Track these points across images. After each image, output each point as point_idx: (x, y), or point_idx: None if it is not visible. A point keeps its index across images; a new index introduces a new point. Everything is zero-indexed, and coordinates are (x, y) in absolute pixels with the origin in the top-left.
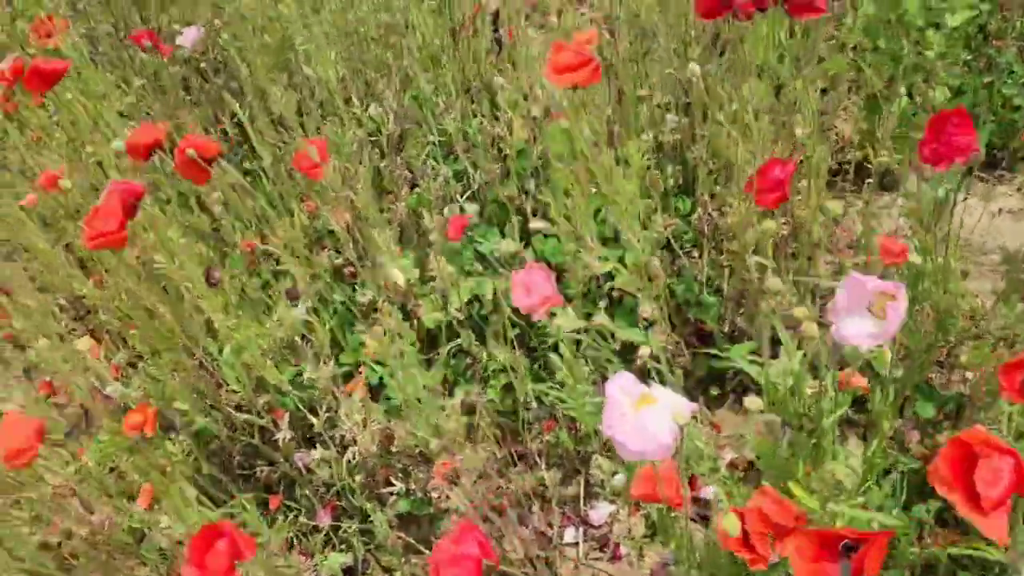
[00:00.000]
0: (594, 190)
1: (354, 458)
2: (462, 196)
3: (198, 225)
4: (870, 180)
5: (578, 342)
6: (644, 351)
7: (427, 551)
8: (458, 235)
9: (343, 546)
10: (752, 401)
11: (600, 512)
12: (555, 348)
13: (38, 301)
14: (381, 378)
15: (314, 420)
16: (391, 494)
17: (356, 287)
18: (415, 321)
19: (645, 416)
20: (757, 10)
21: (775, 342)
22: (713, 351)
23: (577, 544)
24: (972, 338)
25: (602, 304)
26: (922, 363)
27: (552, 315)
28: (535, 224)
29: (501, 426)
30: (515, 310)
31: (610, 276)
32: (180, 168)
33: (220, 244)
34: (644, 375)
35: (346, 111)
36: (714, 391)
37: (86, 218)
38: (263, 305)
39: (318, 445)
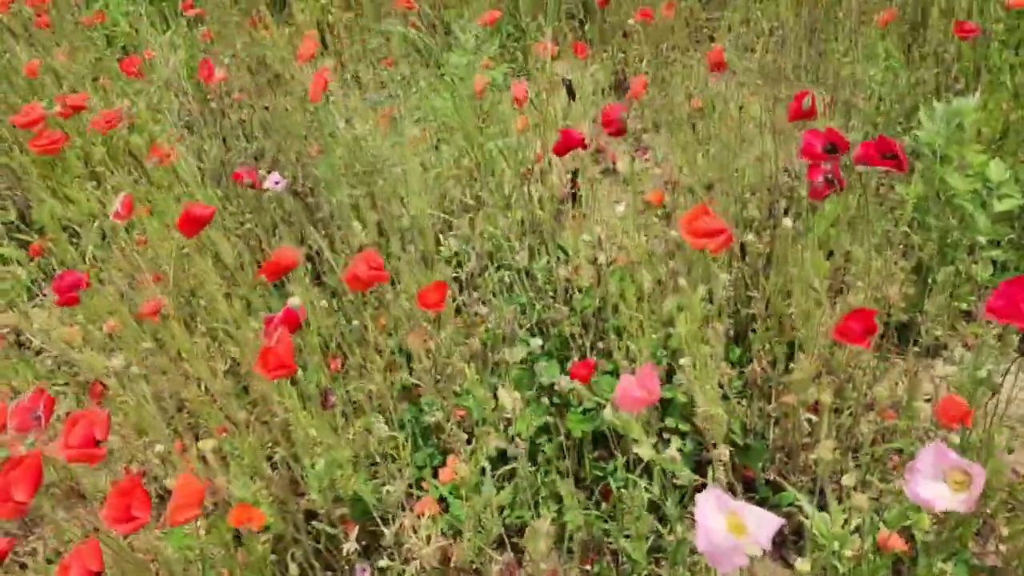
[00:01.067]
0: (654, 335)
1: (416, 572)
2: (526, 329)
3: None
4: (916, 348)
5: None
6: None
7: None
8: (587, 378)
9: None
10: (802, 564)
11: None
12: (607, 479)
13: (135, 395)
14: (442, 495)
15: (385, 530)
16: None
17: (424, 407)
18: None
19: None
20: (834, 191)
21: (813, 493)
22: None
23: None
24: (1009, 510)
25: (652, 440)
26: (960, 532)
27: (634, 441)
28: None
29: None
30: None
31: (661, 416)
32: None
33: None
34: None
35: (422, 241)
36: None
37: (261, 353)
38: (340, 417)
39: (384, 556)
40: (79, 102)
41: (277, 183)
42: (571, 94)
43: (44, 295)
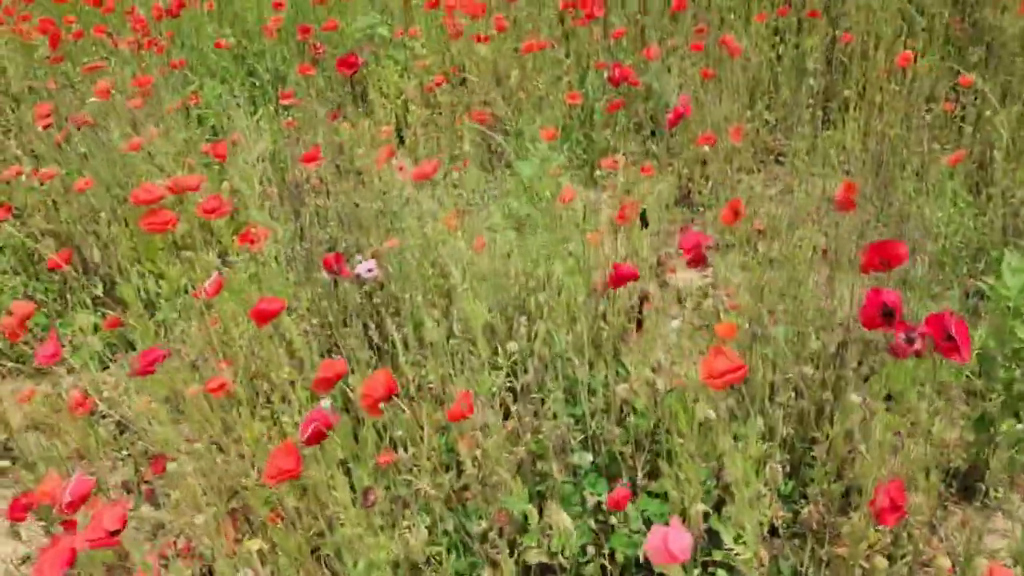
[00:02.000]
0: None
1: None
2: (578, 442)
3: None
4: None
5: None
6: None
7: None
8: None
9: None
10: None
11: None
12: None
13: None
14: None
15: None
16: None
17: (469, 514)
18: (518, 554)
19: None
20: (912, 354)
21: None
22: None
23: None
24: None
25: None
26: None
27: None
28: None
29: None
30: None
31: (708, 550)
32: (364, 404)
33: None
34: None
35: (486, 344)
36: None
37: (271, 455)
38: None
39: None
40: (192, 185)
41: (370, 271)
42: (644, 223)
43: (115, 361)
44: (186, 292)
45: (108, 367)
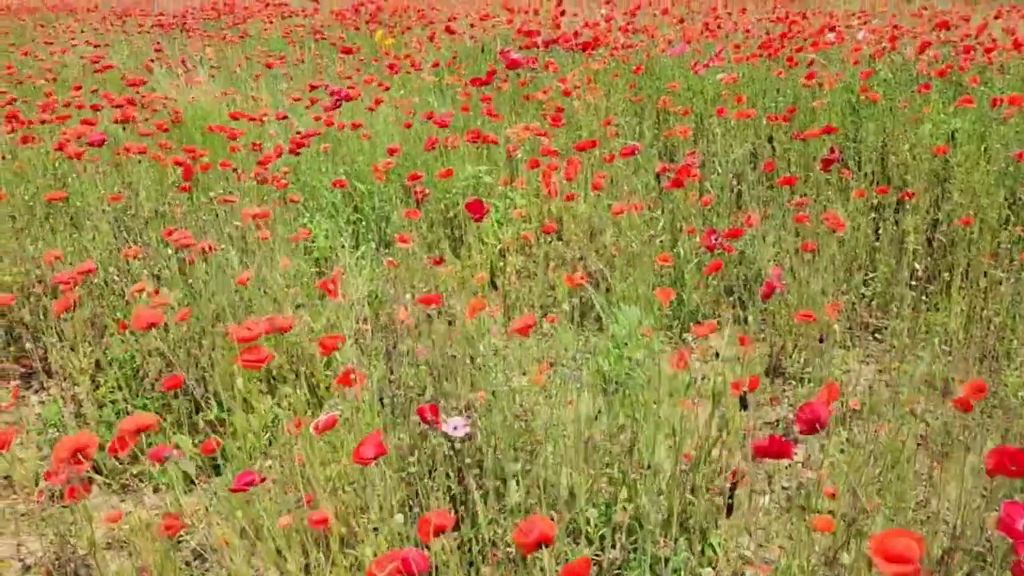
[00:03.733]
0: None
1: None
2: None
3: None
4: None
5: None
6: None
7: None
8: None
9: None
10: None
11: None
12: None
13: None
14: None
15: None
16: None
17: None
18: None
19: None
20: None
21: None
22: None
23: None
24: None
25: None
26: None
27: None
28: None
29: None
30: None
31: None
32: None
33: None
34: None
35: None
36: None
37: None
38: None
39: None
40: (286, 326)
41: (456, 429)
42: (744, 406)
43: (198, 483)
44: (274, 423)
45: (192, 490)
